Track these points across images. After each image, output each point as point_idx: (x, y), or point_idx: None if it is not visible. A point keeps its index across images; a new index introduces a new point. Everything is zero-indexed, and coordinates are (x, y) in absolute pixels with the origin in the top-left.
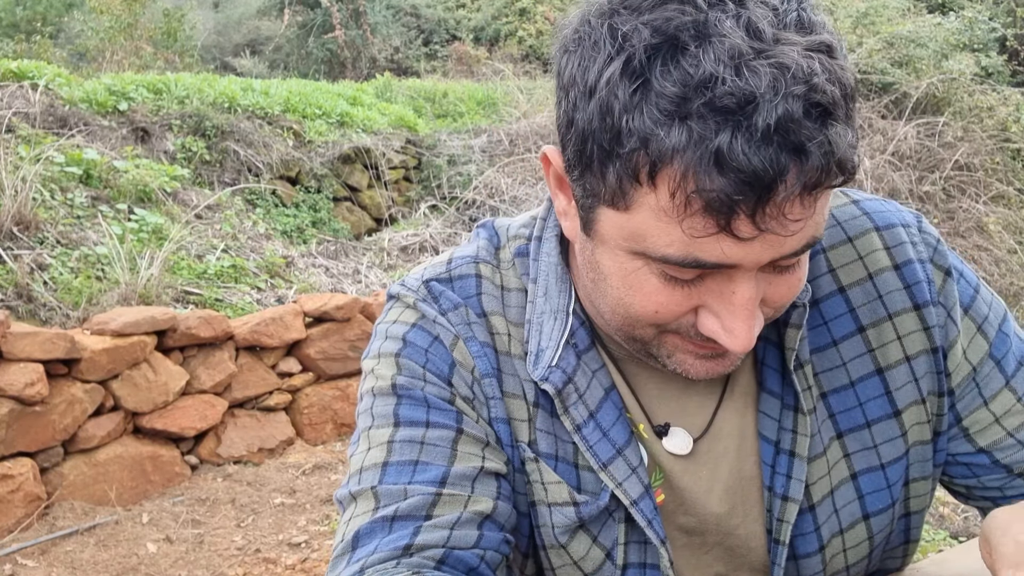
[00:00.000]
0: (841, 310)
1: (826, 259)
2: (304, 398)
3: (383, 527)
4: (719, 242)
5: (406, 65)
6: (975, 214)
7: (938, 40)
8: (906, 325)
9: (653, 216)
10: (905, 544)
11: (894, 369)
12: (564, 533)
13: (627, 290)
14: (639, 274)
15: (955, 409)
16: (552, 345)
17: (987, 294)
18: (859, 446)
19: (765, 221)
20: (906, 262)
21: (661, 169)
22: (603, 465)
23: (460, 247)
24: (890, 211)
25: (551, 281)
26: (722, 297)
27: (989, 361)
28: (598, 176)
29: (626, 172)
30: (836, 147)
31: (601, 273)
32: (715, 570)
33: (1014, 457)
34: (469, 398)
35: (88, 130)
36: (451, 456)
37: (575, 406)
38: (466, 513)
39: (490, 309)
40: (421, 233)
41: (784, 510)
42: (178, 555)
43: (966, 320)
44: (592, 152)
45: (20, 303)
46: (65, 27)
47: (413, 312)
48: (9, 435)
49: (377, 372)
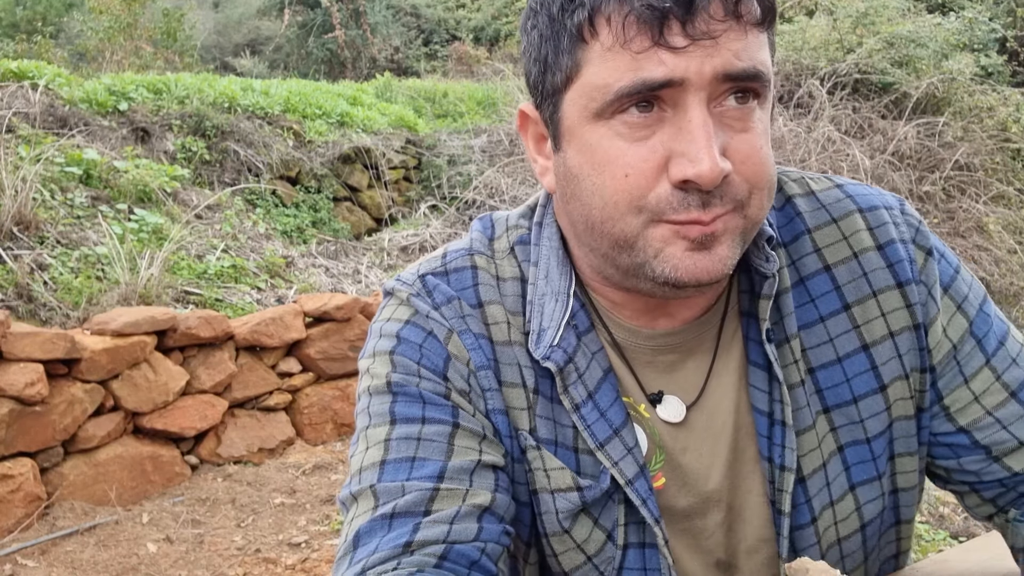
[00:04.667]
0: (827, 288)
1: (811, 239)
2: (304, 398)
3: (383, 525)
4: (658, 55)
5: (406, 65)
6: (975, 214)
7: (938, 40)
8: (890, 302)
9: (600, 59)
10: (896, 525)
11: (879, 345)
12: (568, 518)
13: (597, 170)
14: (603, 142)
15: (936, 387)
16: (553, 325)
17: (967, 275)
18: (845, 420)
19: (695, 31)
20: (888, 242)
21: (597, 13)
22: (600, 445)
23: (454, 241)
24: (873, 194)
25: (552, 264)
26: (680, 132)
27: (970, 339)
28: (554, 70)
29: (572, 40)
30: None
31: (574, 176)
32: (716, 556)
33: (993, 437)
34: (465, 391)
35: (88, 130)
36: (448, 451)
37: (574, 385)
38: (465, 507)
39: (487, 299)
40: (421, 233)
41: (783, 480)
42: (178, 555)
43: (946, 299)
44: (546, 53)
45: (20, 303)
46: (65, 27)
47: (407, 308)
48: (9, 435)
49: (373, 371)
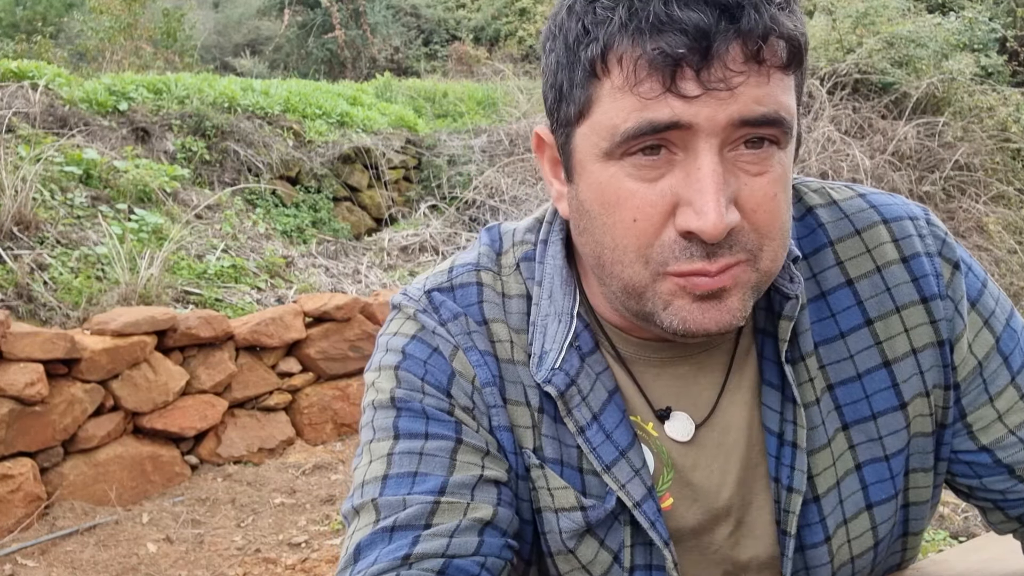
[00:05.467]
0: (849, 302)
1: (833, 252)
2: (304, 398)
3: (383, 538)
4: (668, 101)
5: (406, 65)
6: (975, 214)
7: (938, 40)
8: (913, 318)
9: (610, 99)
10: (904, 536)
11: (901, 362)
12: (572, 538)
13: (607, 210)
14: (613, 182)
15: (960, 404)
16: (556, 347)
17: (994, 289)
18: (864, 437)
19: (710, 79)
20: (914, 255)
21: (610, 50)
22: (606, 467)
23: (462, 253)
24: (897, 204)
25: (556, 284)
26: (688, 178)
27: (996, 356)
28: (568, 101)
29: (585, 74)
30: (767, 11)
31: (586, 211)
32: (723, 568)
33: (1016, 456)
34: (469, 408)
35: (88, 130)
36: (450, 466)
37: (578, 408)
38: (465, 520)
39: (491, 316)
40: (421, 233)
41: (790, 501)
42: (178, 555)
43: (972, 314)
44: (562, 81)
45: (20, 303)
46: (65, 27)
47: (413, 323)
48: (9, 435)
49: (378, 385)
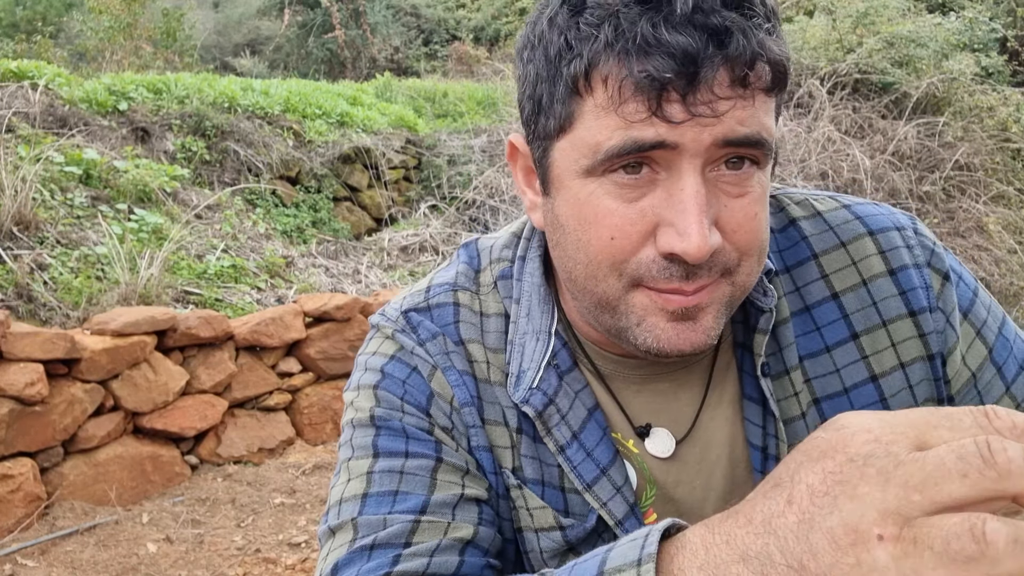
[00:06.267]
0: (834, 316)
1: (818, 265)
2: (304, 398)
3: (362, 556)
4: (653, 124)
5: (406, 65)
6: (975, 214)
7: (938, 40)
8: (901, 332)
9: (593, 116)
10: None
11: (888, 376)
12: (553, 557)
13: (583, 227)
14: (592, 200)
15: None
16: (533, 367)
17: (985, 297)
18: None
19: (696, 104)
20: (901, 267)
21: (594, 68)
22: (587, 486)
23: (440, 271)
24: (883, 214)
25: (534, 302)
26: (671, 199)
27: (990, 367)
28: (547, 115)
29: (567, 90)
30: (755, 36)
31: (560, 226)
32: None
33: None
34: (448, 428)
35: (88, 130)
36: (431, 485)
37: (558, 427)
38: (446, 540)
39: (467, 337)
40: (421, 233)
41: None
42: (178, 555)
43: (965, 325)
44: (541, 94)
45: (20, 303)
46: (65, 27)
47: (392, 343)
48: (9, 435)
49: (357, 404)
